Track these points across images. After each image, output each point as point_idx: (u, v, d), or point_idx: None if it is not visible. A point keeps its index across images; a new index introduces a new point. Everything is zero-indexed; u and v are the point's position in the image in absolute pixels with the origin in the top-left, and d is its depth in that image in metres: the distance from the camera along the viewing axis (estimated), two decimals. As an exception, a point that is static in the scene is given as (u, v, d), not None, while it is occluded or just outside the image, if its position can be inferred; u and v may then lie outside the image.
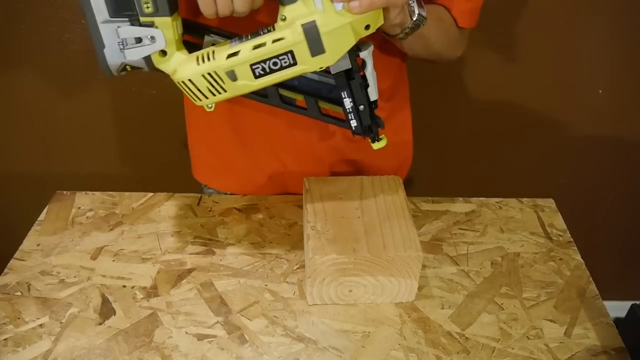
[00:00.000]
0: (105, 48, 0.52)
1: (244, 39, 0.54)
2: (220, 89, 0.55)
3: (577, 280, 0.71)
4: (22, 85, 1.14)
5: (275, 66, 0.53)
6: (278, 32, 0.53)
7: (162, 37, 0.53)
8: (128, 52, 0.53)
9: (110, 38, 0.52)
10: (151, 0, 0.51)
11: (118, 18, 0.51)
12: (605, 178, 1.34)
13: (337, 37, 0.52)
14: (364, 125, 0.60)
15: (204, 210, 0.79)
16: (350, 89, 0.58)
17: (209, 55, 0.54)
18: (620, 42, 1.13)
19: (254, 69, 0.54)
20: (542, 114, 1.24)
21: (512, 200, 0.83)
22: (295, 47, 0.52)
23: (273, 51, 0.53)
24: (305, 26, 0.51)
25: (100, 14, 0.51)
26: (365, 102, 0.59)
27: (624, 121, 1.25)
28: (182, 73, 0.54)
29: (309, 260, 0.61)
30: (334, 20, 0.52)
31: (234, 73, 0.54)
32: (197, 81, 0.54)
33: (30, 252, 0.71)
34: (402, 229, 0.64)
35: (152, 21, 0.52)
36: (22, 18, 1.05)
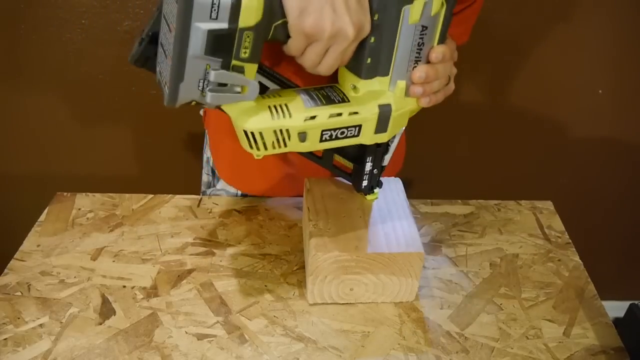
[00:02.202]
0: (183, 82, 0.47)
1: (315, 98, 0.54)
2: (284, 145, 0.53)
3: (575, 281, 0.71)
4: (21, 85, 1.14)
5: (341, 135, 0.55)
6: (353, 105, 0.54)
7: (256, 90, 0.50)
8: (210, 95, 0.48)
9: (193, 75, 0.47)
10: (250, 46, 0.47)
11: (211, 57, 0.46)
12: (604, 179, 1.34)
13: (399, 120, 0.56)
14: (371, 185, 0.65)
15: (204, 211, 0.79)
16: (375, 155, 0.61)
17: (282, 109, 0.52)
18: (620, 42, 1.13)
19: (324, 134, 0.54)
20: (542, 115, 1.24)
21: (511, 203, 0.83)
22: (365, 123, 0.54)
23: (346, 123, 0.54)
24: (381, 107, 0.54)
25: (194, 49, 0.45)
26: (379, 167, 0.63)
27: (624, 121, 1.25)
28: (253, 124, 0.51)
29: (311, 257, 0.61)
30: (402, 105, 0.55)
31: (306, 135, 0.53)
32: (266, 135, 0.52)
33: (30, 252, 0.71)
34: (403, 228, 0.65)
35: (243, 66, 0.48)
36: (22, 18, 1.05)
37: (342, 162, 0.64)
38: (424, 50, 0.53)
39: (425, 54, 0.54)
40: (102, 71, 1.12)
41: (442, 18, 0.52)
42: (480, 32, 1.07)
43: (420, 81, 0.54)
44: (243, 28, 0.45)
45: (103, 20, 1.06)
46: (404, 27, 0.51)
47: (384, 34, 0.51)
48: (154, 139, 1.24)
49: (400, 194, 0.71)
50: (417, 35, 0.51)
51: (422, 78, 0.54)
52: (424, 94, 0.55)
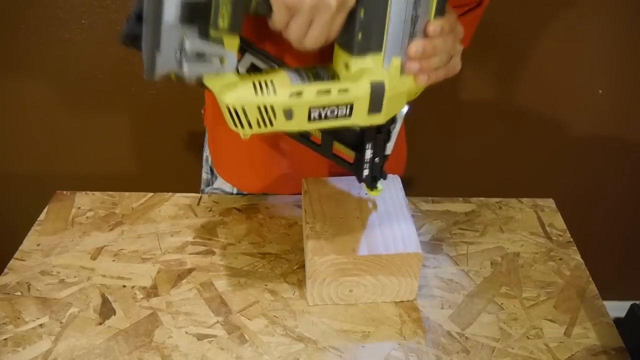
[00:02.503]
0: (159, 52, 0.45)
1: (303, 76, 0.52)
2: (269, 123, 0.52)
3: (576, 280, 0.71)
4: (21, 85, 1.14)
5: (331, 114, 0.52)
6: (343, 82, 0.51)
7: (234, 61, 0.48)
8: (188, 66, 0.46)
9: (170, 44, 0.45)
10: (229, 15, 0.46)
11: (187, 25, 0.45)
12: (605, 178, 1.34)
13: (395, 100, 0.53)
14: (372, 175, 0.62)
15: (203, 210, 0.79)
16: (375, 142, 0.59)
17: (267, 85, 0.51)
18: (620, 42, 1.13)
19: (312, 112, 0.52)
20: (542, 114, 1.24)
21: (512, 200, 0.83)
22: (357, 102, 0.52)
23: (336, 101, 0.51)
24: (374, 85, 0.51)
25: (168, 15, 0.44)
26: (381, 156, 0.61)
27: (624, 121, 1.25)
28: (236, 99, 0.50)
29: (309, 261, 0.61)
30: (399, 84, 0.52)
31: (292, 112, 0.51)
32: (249, 111, 0.50)
33: (30, 252, 0.71)
34: (401, 228, 0.64)
35: (222, 37, 0.47)
36: (22, 18, 1.05)
37: (342, 151, 0.62)
38: (420, 24, 0.50)
39: (421, 27, 0.50)
40: (102, 71, 1.12)
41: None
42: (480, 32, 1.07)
43: (416, 56, 0.51)
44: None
45: (103, 20, 1.06)
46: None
47: (374, 6, 0.48)
48: (153, 138, 1.24)
49: (399, 193, 0.70)
50: (410, 7, 0.49)
51: (418, 53, 0.50)
52: (421, 71, 0.52)
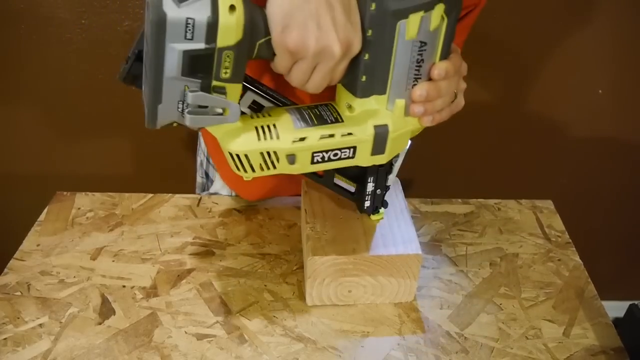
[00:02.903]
0: (161, 104, 0.45)
1: (306, 118, 0.51)
2: (272, 167, 0.51)
3: (575, 281, 0.71)
4: (21, 85, 1.14)
5: (334, 157, 0.52)
6: (347, 125, 0.51)
7: (237, 112, 0.48)
8: (190, 118, 0.46)
9: (171, 96, 0.45)
10: (231, 66, 0.45)
11: (189, 77, 0.44)
12: (604, 178, 1.34)
13: (398, 141, 0.53)
14: (374, 206, 0.62)
15: (203, 211, 0.79)
16: (377, 175, 0.59)
17: (270, 130, 0.50)
18: (620, 42, 1.13)
19: (314, 156, 0.51)
20: (542, 114, 1.24)
21: (511, 202, 0.83)
22: (360, 145, 0.52)
23: (339, 144, 0.51)
24: (377, 129, 0.51)
25: (170, 70, 0.43)
26: (383, 187, 0.61)
27: (624, 121, 1.25)
28: (239, 146, 0.49)
29: (309, 261, 0.61)
30: (402, 125, 0.52)
31: (295, 157, 0.51)
32: (252, 157, 0.50)
33: (30, 252, 0.71)
34: (401, 229, 0.65)
35: (224, 87, 0.46)
36: (22, 18, 1.05)
37: (342, 181, 0.62)
38: (425, 67, 0.50)
39: (426, 70, 0.50)
40: (102, 71, 1.12)
41: (443, 33, 0.48)
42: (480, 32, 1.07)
43: (420, 100, 0.50)
44: (222, 48, 0.43)
45: (103, 20, 1.06)
46: (400, 43, 0.47)
47: (379, 50, 0.48)
48: (153, 139, 1.24)
49: (399, 194, 0.70)
50: (415, 51, 0.48)
51: (422, 97, 0.50)
52: (425, 113, 0.52)
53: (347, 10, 0.45)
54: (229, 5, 0.42)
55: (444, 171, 1.33)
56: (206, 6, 0.42)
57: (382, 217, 0.65)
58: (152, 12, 0.41)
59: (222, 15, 0.42)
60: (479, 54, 1.14)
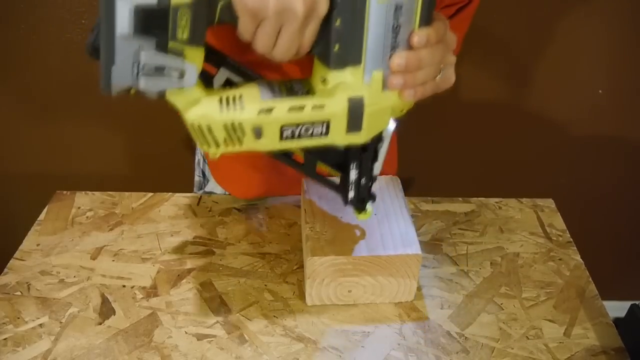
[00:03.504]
0: (115, 65, 0.42)
1: (275, 90, 0.48)
2: (238, 142, 0.48)
3: (576, 280, 0.71)
4: (21, 85, 1.14)
5: (305, 132, 0.48)
6: (319, 97, 0.47)
7: (194, 74, 0.44)
8: (144, 80, 0.43)
9: (125, 57, 0.42)
10: (189, 26, 0.42)
11: (142, 36, 0.41)
12: (605, 178, 1.34)
13: (377, 117, 0.49)
14: (359, 197, 0.58)
15: (203, 210, 0.79)
16: (360, 161, 0.55)
17: (235, 100, 0.47)
18: (620, 42, 1.13)
19: (284, 130, 0.48)
20: (542, 114, 1.24)
21: (512, 201, 0.83)
22: (333, 119, 0.48)
23: (310, 118, 0.47)
24: (351, 100, 0.47)
25: (121, 27, 0.40)
26: (368, 176, 0.57)
27: (624, 121, 1.25)
28: (200, 116, 0.46)
29: (308, 261, 0.61)
30: (380, 99, 0.48)
31: (261, 130, 0.47)
32: (215, 129, 0.47)
33: (30, 252, 0.71)
34: (400, 229, 0.64)
35: (182, 49, 0.43)
36: (22, 18, 1.05)
37: (326, 170, 0.58)
38: (403, 34, 0.46)
39: (404, 38, 0.46)
40: (102, 71, 1.12)
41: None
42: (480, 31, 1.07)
43: (399, 69, 0.46)
44: (177, 5, 0.41)
45: (103, 20, 1.06)
46: (372, 6, 0.44)
47: (350, 15, 0.44)
48: (153, 138, 1.24)
49: (399, 193, 0.70)
50: (390, 16, 0.44)
51: (401, 66, 0.46)
52: (405, 86, 0.47)
53: None
54: None
55: (445, 170, 1.33)
56: None
57: (370, 216, 0.60)
58: None
59: None
60: (480, 53, 1.14)
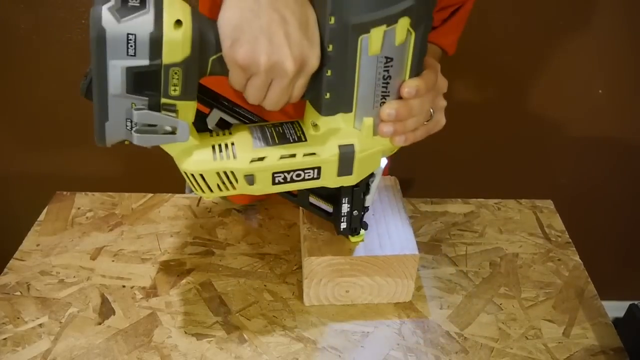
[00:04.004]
0: (108, 122, 0.43)
1: (268, 138, 0.49)
2: (231, 187, 0.49)
3: (575, 281, 0.71)
4: (21, 85, 1.14)
5: (297, 178, 0.49)
6: (310, 145, 0.48)
7: (186, 130, 0.45)
8: (138, 137, 0.44)
9: (118, 114, 0.43)
10: (180, 83, 0.42)
11: (135, 96, 0.42)
12: (604, 178, 1.34)
13: (367, 162, 0.51)
14: (352, 227, 0.60)
15: (203, 211, 0.79)
16: (352, 196, 0.57)
17: (227, 148, 0.48)
18: (620, 42, 1.13)
19: (275, 177, 0.49)
20: (542, 114, 1.24)
21: (511, 202, 0.83)
22: (324, 165, 0.49)
23: (301, 165, 0.49)
24: (342, 147, 0.48)
25: (114, 87, 0.41)
26: (360, 209, 0.59)
27: (624, 121, 1.25)
28: (194, 165, 0.47)
29: (305, 261, 0.61)
30: (370, 145, 0.49)
31: (254, 178, 0.48)
32: (208, 177, 0.48)
33: (29, 252, 0.71)
34: (398, 229, 0.64)
35: (174, 104, 0.43)
36: (22, 18, 1.05)
37: (318, 202, 0.60)
38: (393, 84, 0.47)
39: (395, 88, 0.47)
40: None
41: (411, 48, 0.45)
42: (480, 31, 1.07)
43: (389, 119, 0.47)
44: (169, 64, 0.41)
45: (103, 20, 1.06)
46: (363, 59, 0.44)
47: (341, 66, 0.45)
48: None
49: (396, 194, 0.70)
50: (381, 67, 0.45)
51: (391, 116, 0.47)
52: (396, 133, 0.48)
53: (304, 25, 0.42)
54: (175, 20, 0.40)
55: (444, 171, 1.33)
56: (149, 21, 0.40)
57: (362, 239, 0.62)
58: (91, 28, 0.39)
59: (167, 30, 0.40)
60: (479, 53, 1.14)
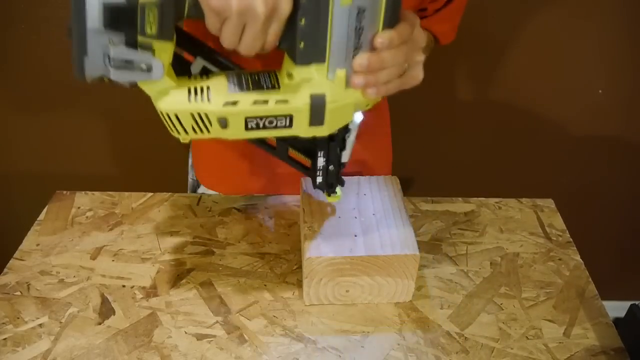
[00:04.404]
0: (87, 57, 0.45)
1: (243, 84, 0.50)
2: (205, 130, 0.51)
3: (576, 280, 0.71)
4: (21, 85, 1.14)
5: (270, 124, 0.51)
6: (283, 92, 0.50)
7: (160, 69, 0.47)
8: (114, 72, 0.46)
9: (96, 49, 0.45)
10: (156, 22, 0.44)
11: (112, 30, 0.44)
12: (605, 178, 1.34)
13: (339, 113, 0.51)
14: (328, 182, 0.60)
15: (203, 210, 0.79)
16: (328, 149, 0.58)
17: (202, 91, 0.50)
18: (620, 42, 1.13)
19: (248, 122, 0.50)
20: (542, 114, 1.24)
21: (512, 201, 0.83)
22: (296, 114, 0.50)
23: (273, 112, 0.50)
24: (314, 97, 0.49)
25: (91, 21, 0.43)
26: (336, 163, 0.59)
27: (624, 121, 1.25)
28: (169, 105, 0.49)
29: (306, 260, 0.61)
30: (342, 96, 0.50)
31: (226, 121, 0.50)
32: (183, 118, 0.50)
33: (29, 252, 0.71)
34: (398, 229, 0.64)
35: (151, 43, 0.45)
36: (22, 18, 1.05)
37: (297, 155, 0.60)
38: (366, 36, 0.47)
39: (368, 39, 0.47)
40: (102, 70, 1.12)
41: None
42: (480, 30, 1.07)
43: (361, 69, 0.48)
44: (144, 3, 0.43)
45: (103, 20, 1.06)
46: (336, 9, 0.45)
47: (314, 16, 0.45)
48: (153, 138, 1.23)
49: (397, 193, 0.70)
50: (353, 18, 0.46)
51: (363, 67, 0.47)
52: (367, 85, 0.49)
53: None
54: None
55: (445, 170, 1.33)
56: None
57: (339, 198, 0.63)
58: None
59: None
60: (480, 53, 1.14)
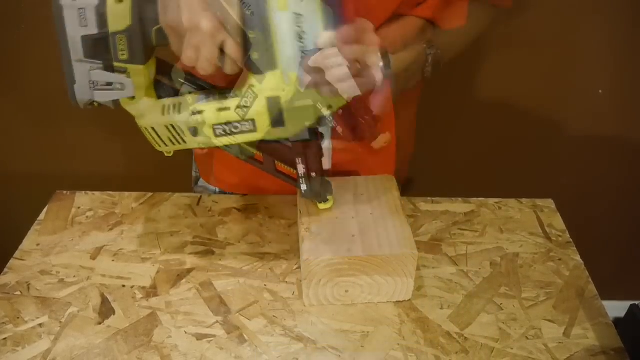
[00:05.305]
0: (76, 84, 0.54)
1: (210, 97, 0.56)
2: (181, 140, 0.58)
3: (576, 281, 0.71)
4: (21, 85, 1.14)
5: (235, 130, 0.56)
6: (243, 99, 0.55)
7: (131, 85, 0.55)
8: (97, 93, 0.55)
9: (82, 76, 0.53)
10: (127, 48, 0.52)
11: (92, 60, 0.53)
12: (605, 178, 1.34)
13: (298, 114, 0.55)
14: (313, 190, 0.63)
15: (203, 210, 0.79)
16: (305, 156, 0.60)
17: (174, 107, 0.57)
18: (620, 42, 1.13)
19: (215, 129, 0.56)
20: (542, 114, 1.24)
21: (512, 201, 0.83)
22: (257, 117, 0.55)
23: (236, 117, 0.55)
24: (269, 100, 0.54)
25: (75, 53, 0.52)
26: (317, 170, 0.61)
27: (624, 121, 1.25)
28: (146, 120, 0.58)
29: (304, 262, 0.61)
30: (298, 97, 0.54)
31: (196, 130, 0.56)
32: (159, 130, 0.58)
33: (30, 251, 0.71)
34: (396, 228, 0.64)
35: (125, 67, 0.54)
36: (22, 18, 1.05)
37: (284, 168, 0.63)
38: (309, 39, 0.51)
39: (312, 43, 0.51)
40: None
41: (317, 3, 0.50)
42: (480, 31, 1.06)
43: (307, 70, 0.51)
44: (115, 32, 0.52)
45: (103, 20, 1.06)
46: (275, 17, 0.50)
47: (260, 26, 0.50)
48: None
49: (394, 192, 0.70)
50: (293, 23, 0.50)
51: (307, 67, 0.51)
52: (316, 84, 0.52)
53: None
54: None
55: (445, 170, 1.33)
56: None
57: (331, 205, 0.66)
58: (53, 6, 0.51)
59: (110, 3, 0.51)
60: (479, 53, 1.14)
